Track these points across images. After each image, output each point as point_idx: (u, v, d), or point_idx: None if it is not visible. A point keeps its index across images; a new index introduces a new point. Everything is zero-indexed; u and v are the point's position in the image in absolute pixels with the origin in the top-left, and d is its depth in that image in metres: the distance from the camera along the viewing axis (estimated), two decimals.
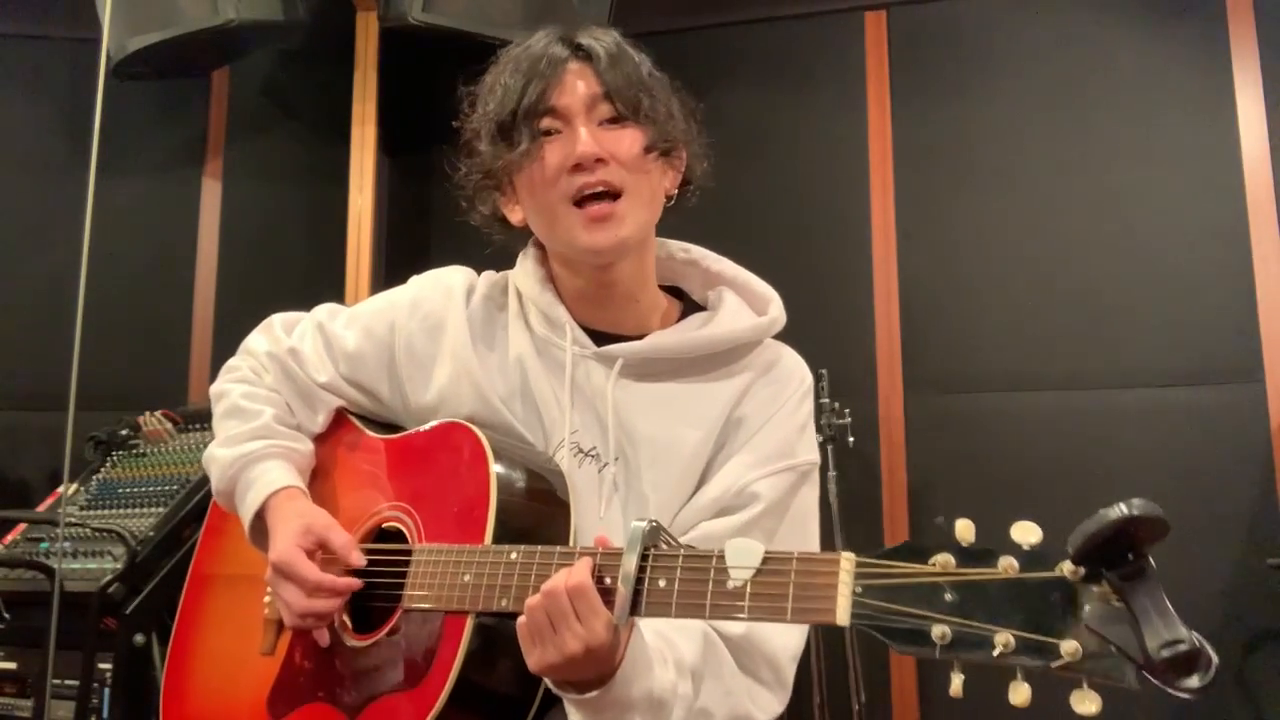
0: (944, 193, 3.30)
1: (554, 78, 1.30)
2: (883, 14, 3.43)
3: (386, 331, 1.43)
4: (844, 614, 0.90)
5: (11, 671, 2.42)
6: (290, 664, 1.35)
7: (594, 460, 1.32)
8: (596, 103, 1.30)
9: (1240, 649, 2.87)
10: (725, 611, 0.98)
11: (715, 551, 1.00)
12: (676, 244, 1.47)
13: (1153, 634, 0.79)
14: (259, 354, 1.50)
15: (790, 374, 1.40)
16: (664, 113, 1.33)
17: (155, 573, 2.39)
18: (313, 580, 1.27)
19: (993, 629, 0.84)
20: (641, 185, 1.31)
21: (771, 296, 1.43)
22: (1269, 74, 3.09)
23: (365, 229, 3.30)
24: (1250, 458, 2.94)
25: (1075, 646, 0.82)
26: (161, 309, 3.51)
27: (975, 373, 3.18)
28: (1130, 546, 0.81)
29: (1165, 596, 0.80)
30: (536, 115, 1.29)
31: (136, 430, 2.79)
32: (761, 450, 1.32)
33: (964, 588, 0.86)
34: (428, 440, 1.36)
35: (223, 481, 1.42)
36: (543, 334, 1.38)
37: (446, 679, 1.15)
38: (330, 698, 1.28)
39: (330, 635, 1.31)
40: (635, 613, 1.03)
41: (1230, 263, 3.04)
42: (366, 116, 3.34)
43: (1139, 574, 0.81)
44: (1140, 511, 0.79)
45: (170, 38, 3.06)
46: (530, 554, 1.14)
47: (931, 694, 3.07)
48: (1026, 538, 0.86)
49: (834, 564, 0.92)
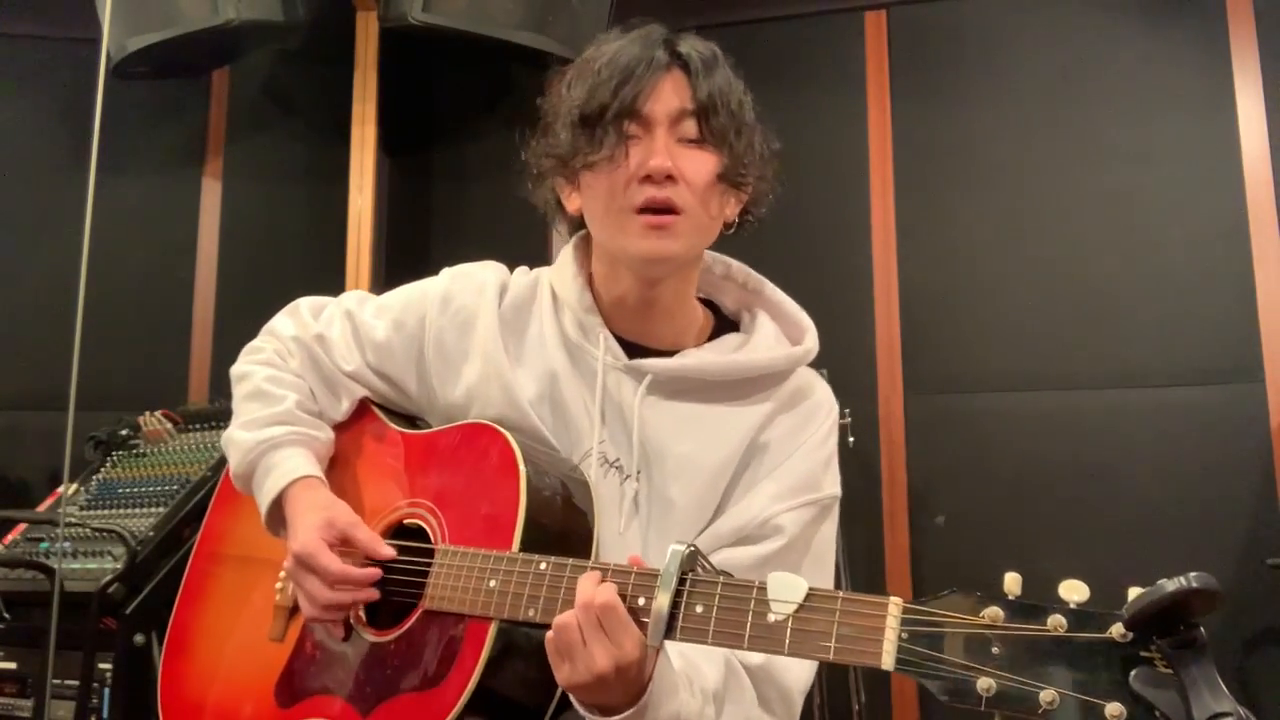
0: (944, 192, 3.29)
1: (649, 83, 1.29)
2: (883, 14, 3.43)
3: (417, 325, 1.41)
4: (890, 659, 0.91)
5: (11, 671, 2.42)
6: (301, 653, 1.34)
7: (618, 472, 1.32)
8: (683, 118, 1.29)
9: (1240, 649, 2.87)
10: (765, 645, 0.98)
11: (756, 582, 1.00)
12: (716, 256, 1.46)
13: (1200, 705, 0.79)
14: (285, 337, 1.48)
15: (819, 405, 1.40)
16: (745, 144, 1.32)
17: (155, 573, 2.39)
18: (336, 572, 1.26)
19: (1039, 686, 0.84)
20: (703, 211, 1.30)
21: (808, 326, 1.42)
22: (1269, 74, 3.09)
23: (365, 229, 3.30)
24: (1250, 458, 2.94)
25: (1120, 709, 0.82)
26: (161, 309, 3.51)
27: (975, 373, 3.18)
28: (1183, 617, 0.81)
29: (1215, 668, 0.81)
30: (624, 117, 1.28)
31: (136, 430, 2.79)
32: (786, 481, 1.32)
33: (1012, 642, 0.86)
34: (454, 440, 1.35)
35: (242, 465, 1.40)
36: (576, 339, 1.37)
37: (466, 684, 1.15)
38: (342, 691, 1.27)
39: (345, 628, 1.30)
40: (670, 636, 1.02)
41: (1230, 263, 3.04)
42: (366, 116, 3.34)
43: (1190, 644, 0.81)
44: (1199, 584, 0.80)
45: (170, 38, 3.06)
46: (561, 565, 1.13)
47: (932, 693, 3.07)
48: (1073, 595, 0.86)
49: (882, 607, 0.92)
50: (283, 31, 3.23)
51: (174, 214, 3.57)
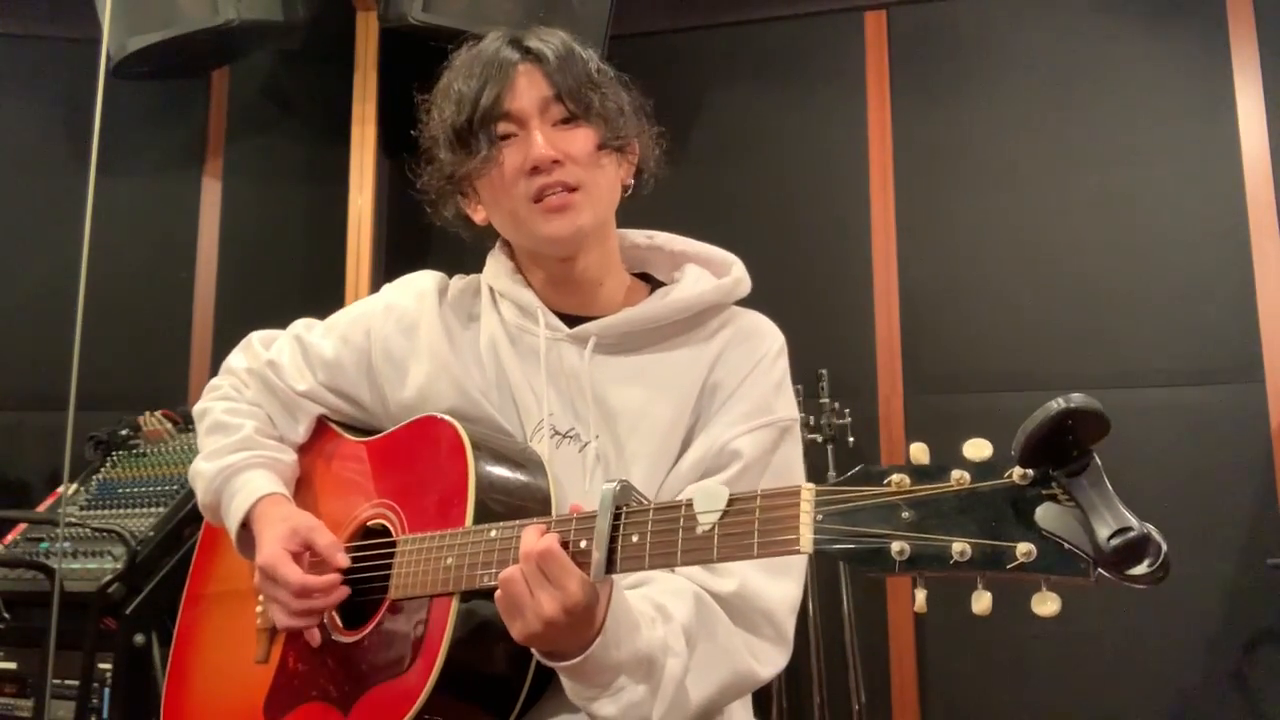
0: (944, 192, 3.30)
1: (506, 82, 1.33)
2: (883, 14, 3.43)
3: (363, 338, 1.45)
4: (807, 542, 0.92)
5: (11, 671, 2.42)
6: (284, 669, 1.36)
7: (573, 441, 1.34)
8: (549, 105, 1.34)
9: (1240, 649, 2.87)
10: (696, 556, 1.01)
11: (683, 500, 1.02)
12: (639, 232, 1.50)
13: (1101, 525, 0.81)
14: (239, 371, 1.53)
15: (762, 334, 1.42)
16: (614, 109, 1.37)
17: (155, 573, 2.39)
18: (297, 582, 1.29)
19: (949, 540, 0.86)
20: (598, 179, 1.35)
21: (732, 260, 1.45)
22: (1269, 74, 3.09)
23: (365, 229, 3.30)
24: (1250, 458, 2.94)
25: (1029, 548, 0.83)
26: (161, 309, 3.51)
27: (975, 373, 3.18)
28: (1074, 444, 0.83)
29: (1111, 489, 0.82)
30: (492, 120, 1.33)
31: (136, 430, 2.80)
32: (738, 409, 1.34)
33: (920, 504, 0.88)
34: (406, 436, 1.38)
35: (208, 495, 1.44)
36: (515, 322, 1.41)
37: (434, 662, 1.16)
38: (324, 696, 1.29)
39: (321, 635, 1.32)
40: (610, 570, 1.05)
41: (1230, 263, 3.04)
42: (366, 116, 3.34)
43: (1084, 470, 0.83)
44: (1077, 405, 0.81)
45: (170, 38, 3.06)
46: (509, 528, 1.16)
47: (932, 694, 3.07)
48: (979, 453, 0.88)
49: (795, 495, 0.95)
50: (283, 31, 3.23)
51: (174, 214, 3.57)
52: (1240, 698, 2.87)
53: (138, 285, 3.43)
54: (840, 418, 3.00)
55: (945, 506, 0.87)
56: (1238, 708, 2.87)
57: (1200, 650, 2.90)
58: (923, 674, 3.08)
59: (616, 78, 1.41)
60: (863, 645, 2.95)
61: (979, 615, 0.86)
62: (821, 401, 3.01)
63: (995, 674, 3.02)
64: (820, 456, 2.99)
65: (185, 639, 1.53)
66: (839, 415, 3.00)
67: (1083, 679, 2.94)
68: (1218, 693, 2.88)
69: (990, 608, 0.86)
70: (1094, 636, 2.92)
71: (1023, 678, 2.99)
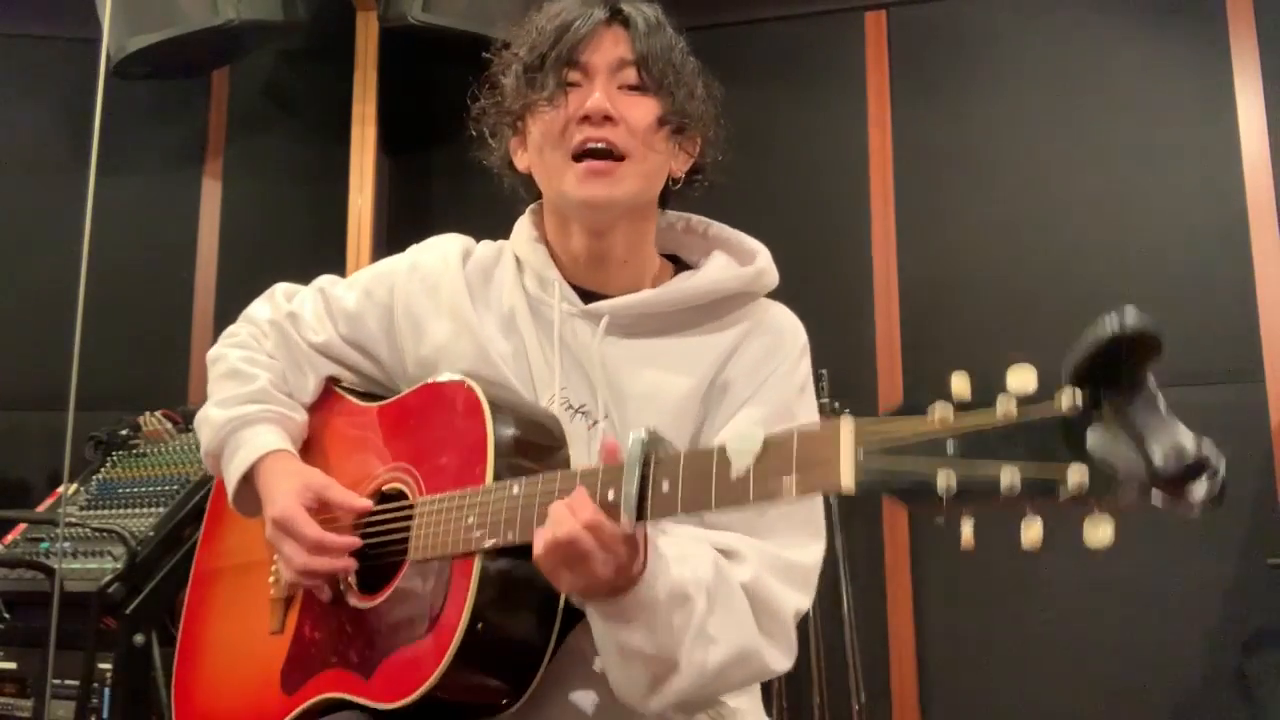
0: (944, 192, 3.30)
1: (589, 34, 1.31)
2: (883, 14, 3.43)
3: (386, 294, 1.44)
4: (849, 478, 0.88)
5: (11, 671, 2.42)
6: (301, 637, 1.33)
7: (584, 417, 1.32)
8: (623, 67, 1.31)
9: (1240, 649, 2.87)
10: (732, 500, 0.97)
11: (716, 445, 1.00)
12: (675, 214, 1.47)
13: (1157, 445, 0.77)
14: (260, 321, 1.51)
15: (782, 331, 1.37)
16: (686, 92, 1.34)
17: (155, 573, 2.39)
18: (313, 538, 1.26)
19: (998, 470, 0.81)
20: (647, 155, 1.31)
21: (759, 249, 1.41)
22: (1269, 74, 3.09)
23: (365, 229, 3.30)
24: (1250, 458, 2.94)
25: (1082, 475, 0.78)
26: (161, 309, 3.51)
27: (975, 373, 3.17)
28: (1126, 368, 0.79)
29: (1165, 410, 0.78)
30: (563, 64, 1.30)
31: (136, 430, 2.80)
32: (758, 414, 1.30)
33: (965, 437, 0.84)
34: (419, 399, 1.35)
35: (213, 442, 1.41)
36: (536, 294, 1.39)
37: (459, 623, 1.13)
38: (343, 662, 1.26)
39: (337, 599, 1.30)
40: (641, 518, 1.03)
41: (1230, 263, 3.04)
42: (366, 116, 3.34)
43: (1138, 392, 0.79)
44: (1131, 325, 0.77)
45: (170, 38, 3.06)
46: (533, 484, 1.13)
47: (932, 694, 3.07)
48: (1025, 384, 0.84)
49: (834, 430, 0.91)
50: (283, 31, 3.23)
51: (174, 214, 3.57)
52: (1240, 698, 2.87)
53: (138, 285, 3.42)
54: None
55: (993, 439, 0.82)
56: (1238, 708, 2.87)
57: (1200, 650, 2.90)
58: (923, 674, 3.08)
59: (699, 68, 1.38)
60: (863, 645, 2.95)
61: (1028, 548, 0.81)
62: (821, 401, 3.00)
63: (995, 674, 3.02)
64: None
65: (194, 615, 1.51)
66: (839, 415, 2.99)
67: (1083, 679, 2.94)
68: (1218, 693, 2.88)
69: (1041, 537, 0.81)
70: (1094, 636, 2.92)
71: (1023, 678, 2.99)
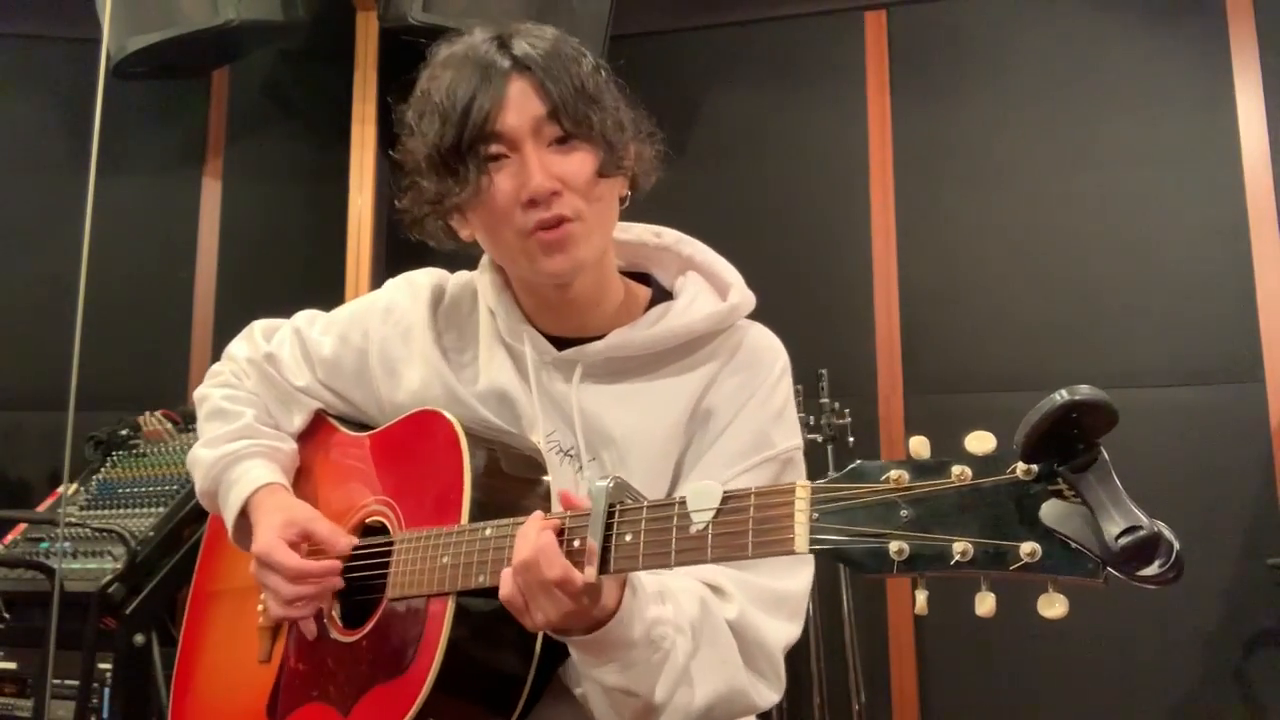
0: (944, 193, 3.30)
1: (496, 97, 1.21)
2: (883, 14, 3.43)
3: (361, 338, 1.43)
4: (802, 542, 0.89)
5: (11, 671, 2.42)
6: (286, 668, 1.35)
7: (573, 460, 1.31)
8: (543, 124, 1.22)
9: (1240, 649, 2.87)
10: (690, 556, 0.98)
11: (677, 498, 1.00)
12: (647, 228, 1.43)
13: (1110, 523, 0.76)
14: (239, 359, 1.52)
15: (758, 358, 1.33)
16: (613, 125, 1.25)
17: (155, 573, 2.39)
18: (294, 567, 1.27)
19: (949, 539, 0.82)
20: (597, 208, 1.25)
21: (733, 281, 1.36)
22: (1269, 74, 3.09)
23: (365, 229, 3.30)
24: (1250, 458, 2.94)
25: (1034, 547, 0.79)
26: (161, 309, 3.51)
27: (975, 373, 3.18)
28: (1080, 437, 0.78)
29: (1120, 485, 0.78)
30: (481, 142, 1.21)
31: (136, 430, 2.80)
32: (734, 445, 1.28)
33: (919, 501, 0.84)
34: (403, 431, 1.36)
35: (206, 482, 1.43)
36: (510, 341, 1.37)
37: (432, 662, 1.15)
38: (325, 696, 1.28)
39: (321, 633, 1.31)
40: (604, 571, 1.03)
41: (1230, 263, 3.05)
42: (366, 116, 3.34)
43: (1090, 464, 0.78)
44: (1082, 397, 0.77)
45: (170, 38, 3.06)
46: (503, 526, 1.14)
47: (932, 694, 3.07)
48: (982, 447, 0.84)
49: (789, 494, 0.92)
50: (283, 31, 3.23)
51: (174, 214, 3.57)
52: (1240, 698, 2.87)
53: (138, 285, 3.43)
54: (840, 418, 3.00)
55: (946, 504, 0.83)
56: (1238, 708, 2.87)
57: (1200, 650, 2.90)
58: (923, 674, 3.08)
59: (609, 79, 1.30)
60: (863, 645, 2.95)
61: (982, 618, 0.82)
62: (821, 401, 3.01)
63: (995, 674, 3.02)
64: (820, 456, 2.99)
65: (191, 639, 1.53)
66: (839, 415, 3.00)
67: (1082, 679, 2.94)
68: (1218, 693, 2.88)
69: (994, 610, 0.82)
70: (1094, 636, 2.92)
71: (1023, 678, 2.99)
